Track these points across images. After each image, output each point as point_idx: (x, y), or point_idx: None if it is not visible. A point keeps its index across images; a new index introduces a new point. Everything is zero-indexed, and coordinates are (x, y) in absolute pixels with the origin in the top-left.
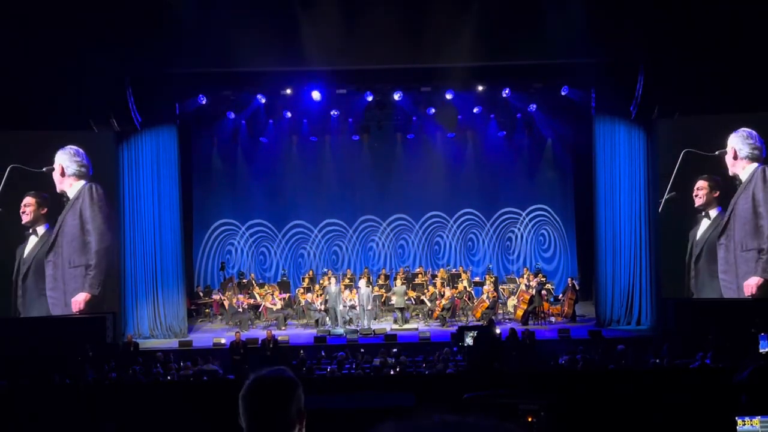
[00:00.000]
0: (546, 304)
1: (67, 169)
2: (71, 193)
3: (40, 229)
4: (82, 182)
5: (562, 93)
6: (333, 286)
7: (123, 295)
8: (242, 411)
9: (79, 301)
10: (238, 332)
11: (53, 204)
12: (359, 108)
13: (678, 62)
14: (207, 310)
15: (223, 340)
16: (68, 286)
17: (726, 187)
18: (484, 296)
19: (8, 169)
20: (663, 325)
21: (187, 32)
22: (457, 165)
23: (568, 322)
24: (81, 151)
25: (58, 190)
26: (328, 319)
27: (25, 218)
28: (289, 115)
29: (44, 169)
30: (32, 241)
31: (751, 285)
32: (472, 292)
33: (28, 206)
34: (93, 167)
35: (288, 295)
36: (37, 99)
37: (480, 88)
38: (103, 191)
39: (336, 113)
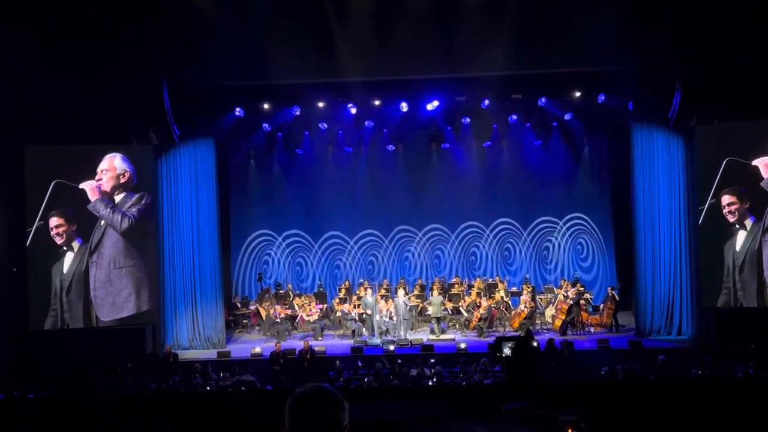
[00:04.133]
0: (584, 314)
1: (120, 173)
2: (117, 198)
3: (75, 245)
4: (128, 189)
5: (599, 101)
6: (370, 297)
7: (162, 306)
8: (291, 423)
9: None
10: (278, 343)
11: (81, 217)
12: (394, 118)
13: (716, 67)
14: (245, 321)
15: (259, 349)
16: (114, 286)
17: (755, 196)
18: (522, 306)
19: (52, 184)
20: (704, 335)
21: (224, 46)
22: (492, 174)
23: (607, 332)
24: (127, 158)
25: (96, 195)
26: (364, 329)
27: (60, 240)
28: (324, 126)
29: (98, 173)
30: (69, 257)
31: None
32: (510, 302)
33: (59, 227)
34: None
35: (324, 305)
36: (76, 114)
37: (515, 96)
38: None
39: (371, 124)
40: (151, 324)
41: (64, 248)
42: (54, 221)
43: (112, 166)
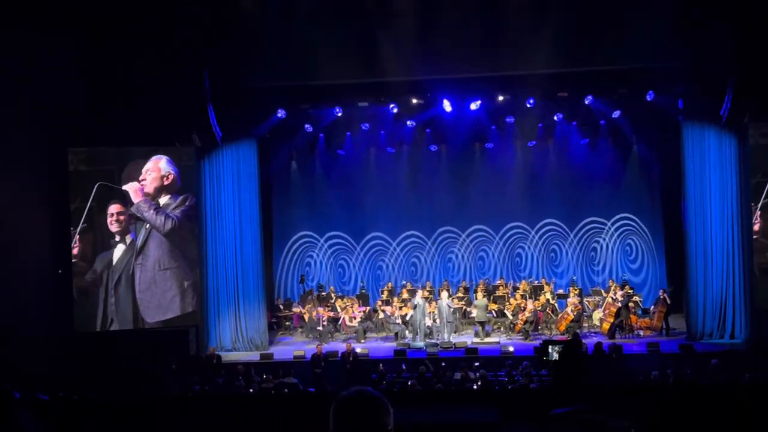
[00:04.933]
0: (633, 317)
1: (164, 175)
2: (161, 200)
3: (128, 238)
4: (171, 191)
5: (648, 98)
6: (420, 299)
7: (205, 308)
8: (336, 426)
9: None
10: (319, 345)
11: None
12: (437, 118)
13: None
14: (287, 323)
15: (301, 351)
16: (159, 287)
17: None
18: (569, 309)
19: (96, 186)
20: (758, 338)
21: (266, 47)
22: (538, 174)
23: (657, 335)
24: (171, 160)
25: (140, 196)
26: (407, 332)
27: (116, 227)
28: (366, 126)
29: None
30: (119, 250)
31: None
32: (556, 304)
33: (119, 214)
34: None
35: (367, 307)
36: (119, 116)
37: (561, 94)
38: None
39: (413, 124)
40: (195, 326)
41: (117, 239)
42: (113, 208)
43: (157, 167)
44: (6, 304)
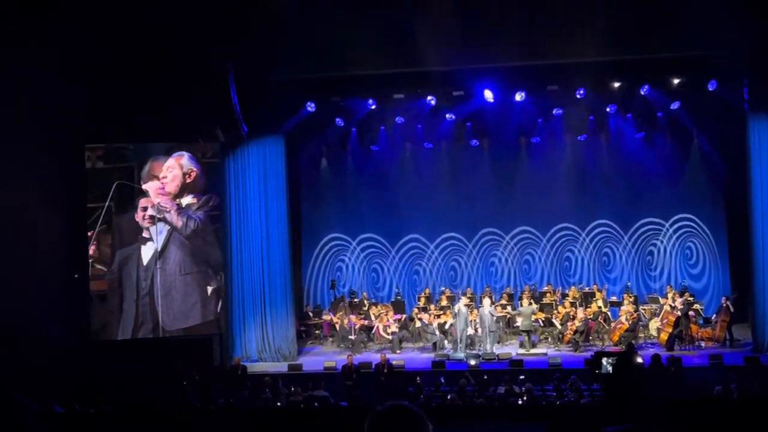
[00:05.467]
0: (694, 327)
1: (186, 173)
2: (182, 200)
3: (159, 238)
4: (194, 190)
5: (710, 88)
6: (460, 307)
7: (230, 316)
8: None
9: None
10: (350, 356)
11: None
12: (478, 111)
13: None
14: (317, 332)
15: (332, 362)
16: (180, 293)
17: None
18: (623, 318)
19: (114, 185)
20: None
21: (294, 37)
22: (589, 171)
23: (720, 347)
24: (193, 157)
25: (161, 196)
26: (446, 342)
27: (147, 223)
28: (401, 120)
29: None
30: (148, 250)
31: None
32: (609, 313)
33: (151, 207)
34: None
35: (403, 315)
36: (139, 110)
37: (615, 85)
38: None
39: (452, 117)
40: (219, 334)
41: (145, 235)
42: (144, 202)
43: (178, 165)
44: (19, 310)
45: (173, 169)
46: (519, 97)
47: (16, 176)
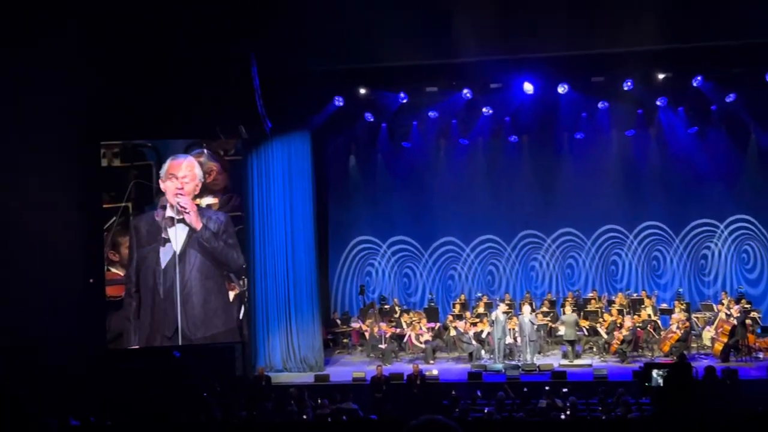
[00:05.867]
0: (751, 337)
1: (206, 171)
2: (202, 200)
3: (181, 235)
4: (214, 190)
5: None
6: (501, 314)
7: (253, 323)
8: None
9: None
10: (379, 366)
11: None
12: (517, 104)
13: None
14: (345, 340)
15: (361, 373)
16: (199, 299)
17: None
18: (674, 326)
19: (131, 184)
20: None
21: (320, 26)
22: (637, 169)
23: None
24: (214, 155)
25: (180, 196)
26: (483, 352)
27: (166, 224)
28: (435, 115)
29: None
30: (166, 251)
31: None
32: (659, 321)
33: (170, 208)
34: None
35: (436, 323)
36: (157, 105)
37: (665, 75)
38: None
39: (490, 111)
40: (241, 342)
41: (164, 236)
42: (163, 201)
43: (197, 163)
44: (32, 318)
45: (193, 168)
46: (561, 89)
47: (27, 175)
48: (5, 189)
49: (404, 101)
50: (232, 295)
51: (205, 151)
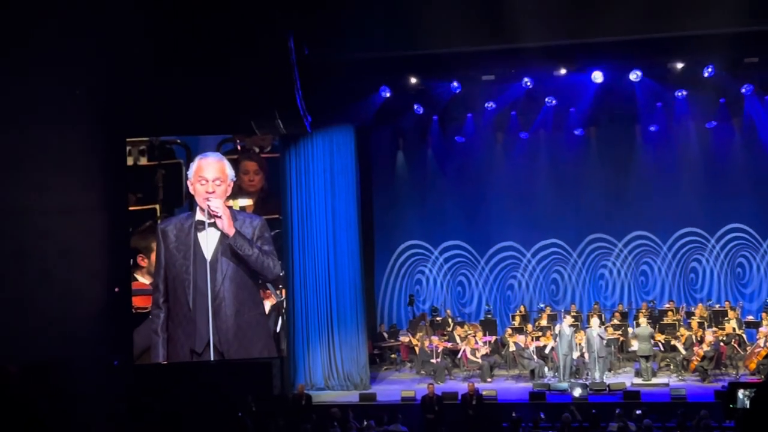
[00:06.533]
0: None
1: (241, 170)
2: (236, 201)
3: (213, 237)
4: (249, 190)
5: None
6: (566, 327)
7: (292, 336)
8: None
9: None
10: (431, 384)
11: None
12: (584, 94)
13: None
14: (393, 356)
15: (411, 392)
16: (232, 310)
17: None
18: (761, 341)
19: (159, 184)
20: None
21: (365, 9)
22: (719, 165)
23: None
24: (248, 151)
25: (211, 197)
26: (547, 369)
27: (197, 228)
28: (492, 106)
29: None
30: (200, 258)
31: None
32: (744, 335)
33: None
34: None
35: (494, 337)
36: (187, 99)
37: (750, 60)
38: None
39: (553, 101)
40: (279, 358)
41: (198, 241)
42: (195, 203)
43: (230, 161)
44: (53, 330)
45: (223, 169)
46: (634, 76)
47: (46, 175)
48: (24, 191)
49: (458, 91)
50: (267, 305)
51: (239, 148)
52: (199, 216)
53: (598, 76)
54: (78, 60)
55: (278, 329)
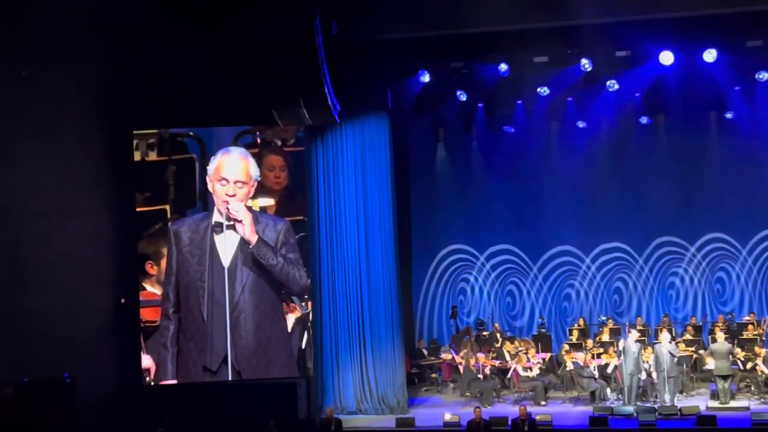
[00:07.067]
0: None
1: (264, 166)
2: (256, 201)
3: (233, 240)
4: (270, 188)
5: None
6: (632, 343)
7: (319, 354)
8: None
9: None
10: (477, 408)
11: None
12: (650, 77)
13: None
14: (434, 375)
15: (457, 418)
16: (252, 324)
17: None
18: None
19: (170, 183)
20: None
21: None
22: None
23: None
24: (269, 144)
25: (229, 196)
26: (609, 390)
27: (213, 231)
28: (545, 92)
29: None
30: (216, 264)
31: None
32: None
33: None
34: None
35: (549, 354)
36: (201, 86)
37: None
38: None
39: (615, 86)
40: (305, 378)
41: (216, 246)
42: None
43: (250, 156)
44: (51, 346)
45: (248, 167)
46: (709, 57)
47: (44, 173)
48: (18, 190)
49: (506, 75)
50: (291, 318)
51: (260, 141)
52: (216, 217)
53: (667, 57)
54: (77, 42)
55: (303, 345)
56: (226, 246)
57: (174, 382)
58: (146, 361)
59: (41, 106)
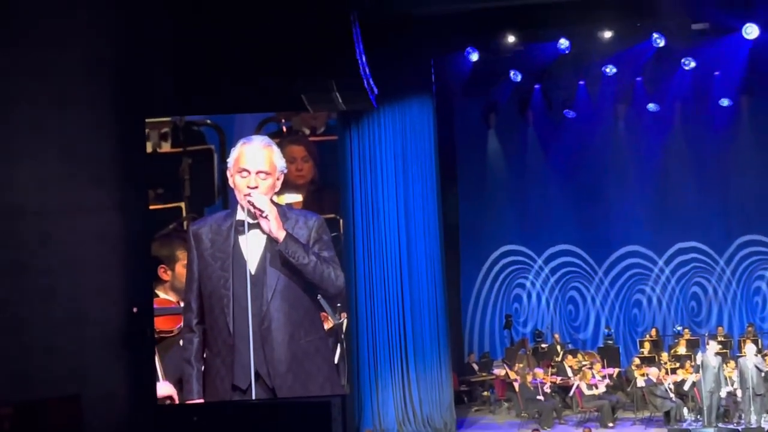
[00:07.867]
0: None
1: (289, 158)
2: (283, 197)
3: (260, 241)
4: (300, 182)
5: None
6: (712, 357)
7: (356, 369)
8: None
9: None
10: (536, 430)
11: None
12: (733, 53)
13: None
14: (486, 393)
15: None
16: (282, 336)
17: None
18: None
19: (186, 177)
20: None
21: None
22: None
23: None
24: (299, 133)
25: (254, 191)
26: (686, 410)
27: (236, 231)
28: (611, 71)
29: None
30: (240, 268)
31: None
32: None
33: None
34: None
35: (617, 369)
36: (219, 68)
37: None
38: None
39: (692, 64)
40: (341, 396)
41: (238, 238)
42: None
43: (276, 147)
44: (56, 360)
45: (271, 156)
46: None
47: (46, 167)
48: (18, 187)
49: (566, 52)
50: (326, 331)
51: (286, 129)
52: (239, 215)
53: (751, 31)
54: (80, 22)
55: (337, 360)
56: (251, 247)
57: (201, 401)
58: (165, 388)
59: (41, 92)
